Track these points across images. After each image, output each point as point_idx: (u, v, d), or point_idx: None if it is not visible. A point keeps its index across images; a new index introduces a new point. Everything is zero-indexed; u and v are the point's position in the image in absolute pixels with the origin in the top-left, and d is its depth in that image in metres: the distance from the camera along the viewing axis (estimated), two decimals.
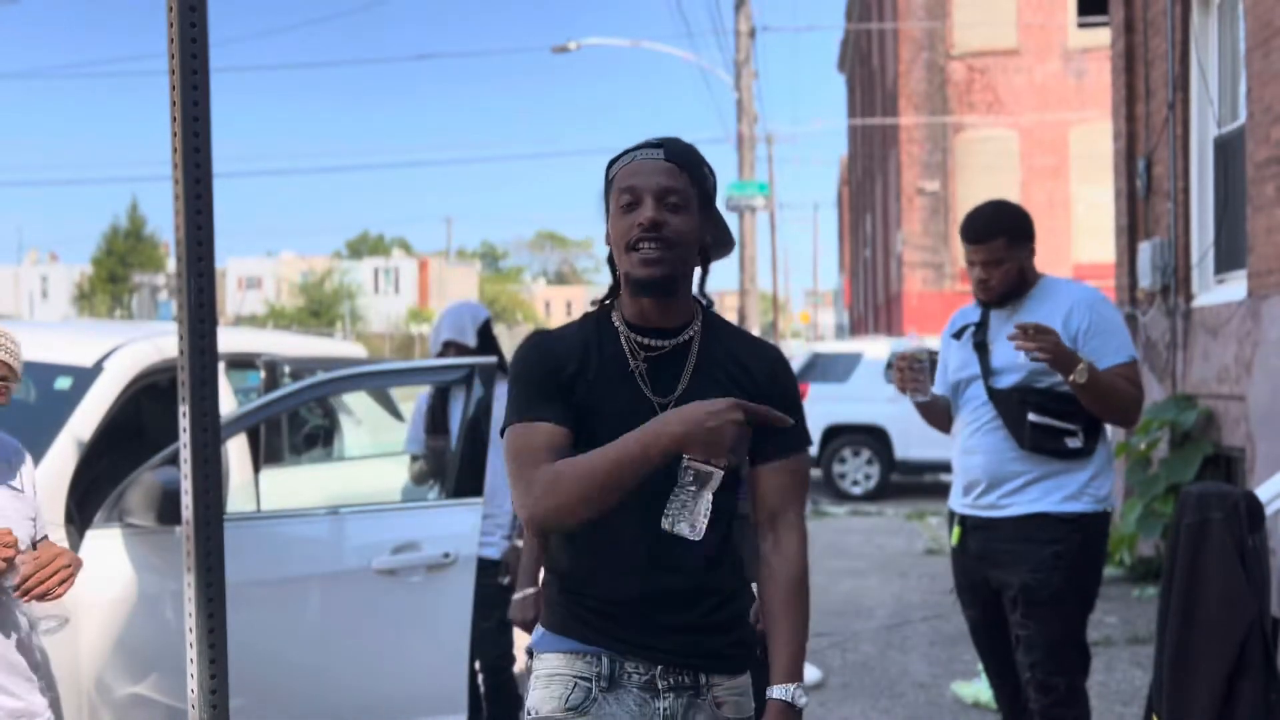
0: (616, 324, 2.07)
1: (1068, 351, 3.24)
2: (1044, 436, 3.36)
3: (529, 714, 2.04)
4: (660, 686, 2.01)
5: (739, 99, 18.75)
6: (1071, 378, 3.24)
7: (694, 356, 2.04)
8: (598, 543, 2.01)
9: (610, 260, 2.08)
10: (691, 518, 1.86)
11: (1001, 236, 3.39)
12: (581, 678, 2.02)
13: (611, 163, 2.08)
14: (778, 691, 1.99)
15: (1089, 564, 3.40)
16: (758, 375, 2.07)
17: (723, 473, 1.85)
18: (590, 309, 2.14)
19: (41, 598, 2.56)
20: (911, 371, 3.47)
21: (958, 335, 3.61)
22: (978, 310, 3.57)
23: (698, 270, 2.11)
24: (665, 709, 2.01)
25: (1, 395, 2.75)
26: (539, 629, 2.10)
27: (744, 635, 2.11)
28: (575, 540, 2.04)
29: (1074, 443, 3.36)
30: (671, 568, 2.00)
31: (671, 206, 1.99)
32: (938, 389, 3.64)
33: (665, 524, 1.86)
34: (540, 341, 2.07)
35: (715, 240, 2.13)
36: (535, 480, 1.92)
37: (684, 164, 2.02)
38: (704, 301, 2.13)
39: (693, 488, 1.86)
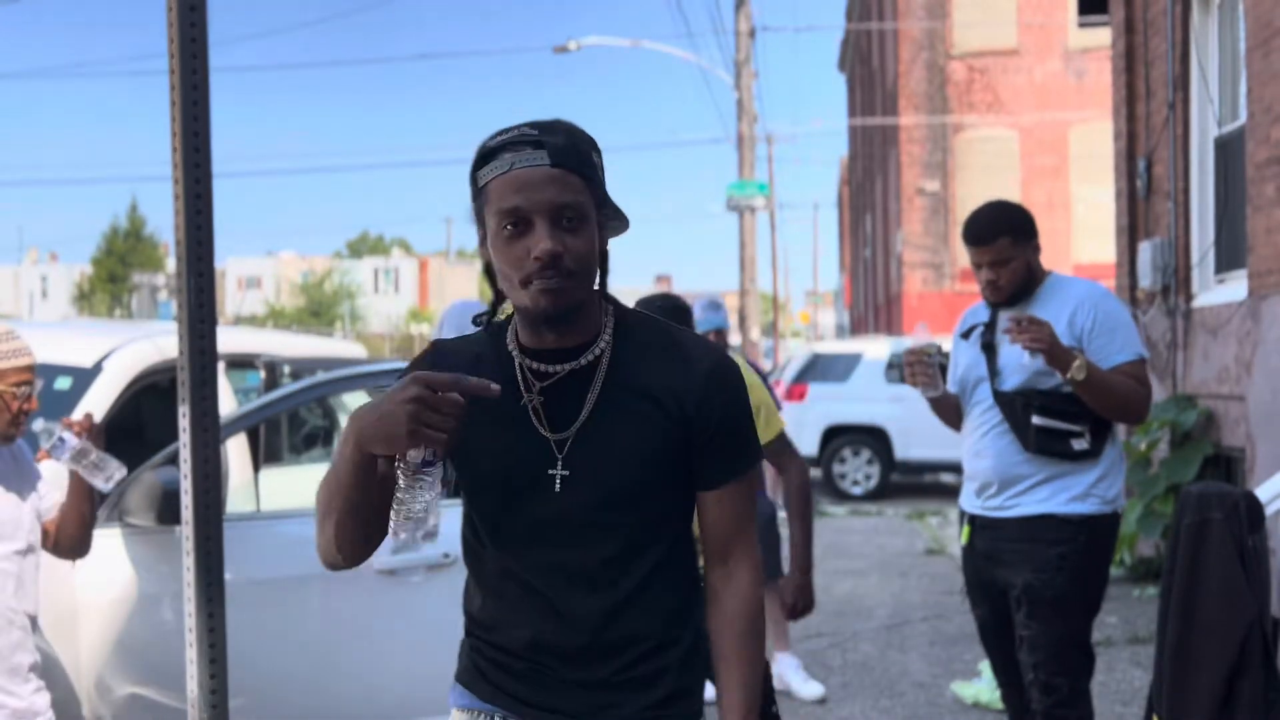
0: (510, 348, 1.75)
1: (1063, 346, 3.23)
2: (1049, 439, 3.35)
3: None
4: None
5: (739, 99, 18.76)
6: (1069, 374, 3.24)
7: (599, 381, 1.72)
8: (497, 578, 1.78)
9: (488, 269, 1.73)
10: (402, 520, 1.55)
11: (1006, 236, 3.38)
12: None
13: (480, 162, 1.67)
14: None
15: (1094, 565, 3.39)
16: (685, 396, 1.72)
17: (424, 460, 1.52)
18: (488, 321, 1.80)
19: None
20: (921, 366, 3.47)
21: (966, 335, 3.60)
22: (986, 310, 3.56)
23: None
24: None
25: (31, 399, 2.75)
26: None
27: (678, 690, 1.78)
28: (479, 574, 1.82)
29: (1080, 444, 3.35)
30: (567, 616, 1.73)
31: (569, 226, 1.64)
32: (950, 388, 3.65)
33: (391, 527, 1.59)
34: (434, 356, 1.79)
35: (613, 228, 1.79)
36: None
37: (574, 165, 1.65)
38: (611, 304, 1.78)
39: (402, 484, 1.54)
